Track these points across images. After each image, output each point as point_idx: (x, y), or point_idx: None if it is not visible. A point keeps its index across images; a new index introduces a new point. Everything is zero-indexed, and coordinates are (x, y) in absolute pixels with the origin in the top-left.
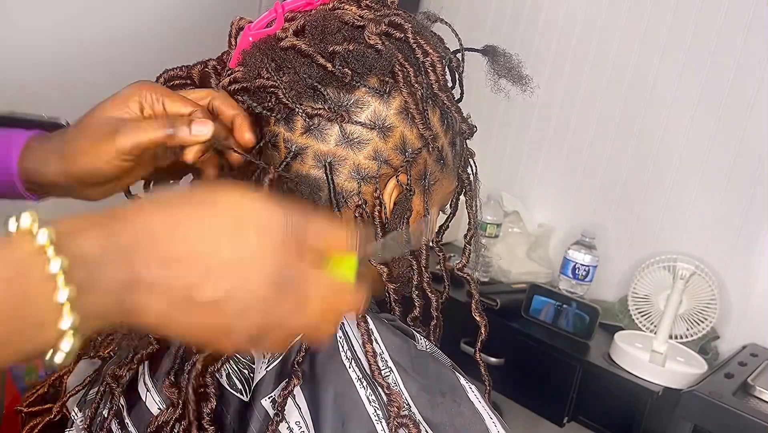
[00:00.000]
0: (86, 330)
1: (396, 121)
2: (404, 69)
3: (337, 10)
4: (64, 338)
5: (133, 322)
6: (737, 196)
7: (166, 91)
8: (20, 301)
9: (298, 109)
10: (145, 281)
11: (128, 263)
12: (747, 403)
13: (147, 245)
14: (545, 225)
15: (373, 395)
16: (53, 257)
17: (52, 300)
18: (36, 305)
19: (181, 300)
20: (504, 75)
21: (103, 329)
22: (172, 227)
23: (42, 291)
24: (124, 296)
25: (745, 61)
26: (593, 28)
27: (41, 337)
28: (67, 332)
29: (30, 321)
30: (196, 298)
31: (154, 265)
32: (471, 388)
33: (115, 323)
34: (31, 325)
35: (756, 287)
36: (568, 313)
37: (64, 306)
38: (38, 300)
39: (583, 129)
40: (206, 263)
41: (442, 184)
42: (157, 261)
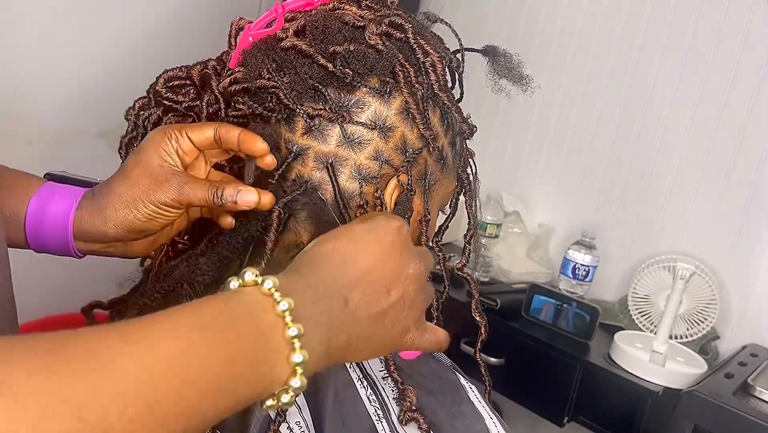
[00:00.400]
0: (311, 368)
1: (397, 121)
2: (405, 69)
3: (337, 11)
4: (294, 376)
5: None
6: (737, 196)
7: (186, 126)
8: (258, 337)
9: (299, 110)
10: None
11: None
12: (747, 403)
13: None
14: (545, 225)
15: (373, 395)
16: (281, 299)
17: (284, 336)
18: (270, 341)
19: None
20: (504, 75)
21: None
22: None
23: (274, 328)
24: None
25: (745, 62)
26: (593, 28)
27: (274, 373)
28: (297, 368)
29: (264, 358)
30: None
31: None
32: (471, 388)
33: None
34: (265, 362)
35: (756, 287)
36: (568, 313)
37: (294, 340)
38: (271, 337)
39: (583, 129)
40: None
41: (442, 184)
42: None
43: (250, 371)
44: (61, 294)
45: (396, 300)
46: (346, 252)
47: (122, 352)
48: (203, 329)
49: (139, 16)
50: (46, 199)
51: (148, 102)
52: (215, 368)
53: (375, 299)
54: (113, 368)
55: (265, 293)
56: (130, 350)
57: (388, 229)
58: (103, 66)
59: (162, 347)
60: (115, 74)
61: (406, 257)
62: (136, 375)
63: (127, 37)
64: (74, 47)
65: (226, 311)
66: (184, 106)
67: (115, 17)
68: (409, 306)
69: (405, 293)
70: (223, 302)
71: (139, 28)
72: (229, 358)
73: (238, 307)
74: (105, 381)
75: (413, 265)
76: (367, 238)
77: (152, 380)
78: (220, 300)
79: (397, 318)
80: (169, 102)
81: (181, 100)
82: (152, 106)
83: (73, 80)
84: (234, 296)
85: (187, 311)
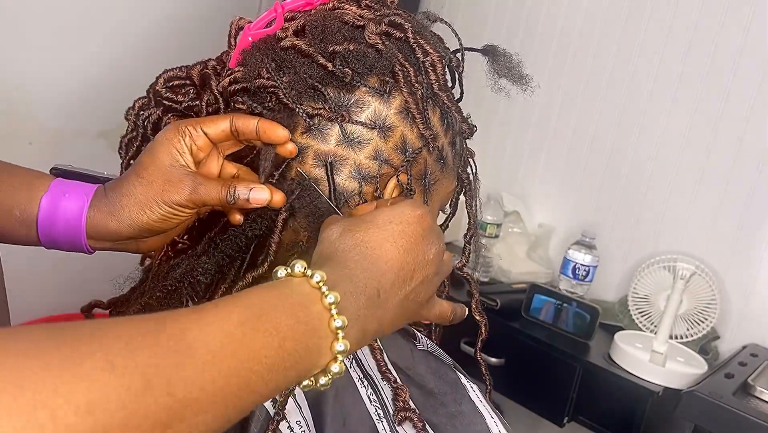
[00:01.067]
0: (347, 354)
1: (396, 120)
2: (404, 69)
3: (337, 10)
4: (335, 362)
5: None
6: (737, 196)
7: (197, 119)
8: (306, 325)
9: (299, 109)
10: (378, 299)
11: (367, 288)
12: (747, 403)
13: (369, 272)
14: (545, 225)
15: (374, 395)
16: (328, 293)
17: (330, 327)
18: (317, 331)
19: (403, 298)
20: (504, 75)
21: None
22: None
23: (321, 319)
24: (376, 316)
25: (745, 62)
26: (593, 28)
27: (317, 359)
28: (339, 355)
29: (311, 345)
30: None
31: (383, 280)
32: (472, 387)
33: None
34: (311, 348)
35: (756, 287)
36: (568, 313)
37: (338, 331)
38: (318, 327)
39: (583, 129)
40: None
41: (442, 183)
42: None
43: (298, 356)
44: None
45: (418, 283)
46: (376, 243)
47: (198, 334)
48: (260, 316)
49: (139, 17)
50: (57, 198)
51: (148, 102)
52: (272, 351)
53: (401, 286)
54: (193, 349)
55: (314, 285)
56: (204, 333)
57: (412, 218)
58: (103, 66)
59: (230, 330)
60: (114, 74)
61: (428, 242)
62: (213, 353)
63: (126, 37)
64: (74, 47)
65: (279, 299)
66: (184, 106)
67: (115, 17)
68: (427, 285)
69: (426, 275)
70: (276, 291)
71: (138, 28)
72: (282, 343)
73: (290, 297)
74: (188, 360)
75: (434, 249)
76: (393, 228)
77: (225, 359)
78: (272, 289)
79: (416, 298)
80: (169, 102)
81: (181, 100)
82: (152, 106)
83: (73, 80)
84: (285, 286)
85: (245, 299)
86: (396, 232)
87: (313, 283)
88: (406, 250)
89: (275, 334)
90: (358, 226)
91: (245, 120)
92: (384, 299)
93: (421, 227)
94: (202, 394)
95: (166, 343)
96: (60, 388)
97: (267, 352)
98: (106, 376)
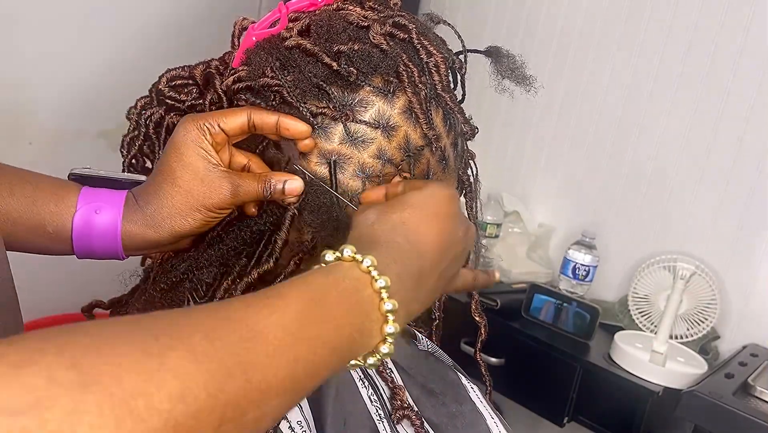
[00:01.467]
0: (396, 336)
1: (400, 120)
2: (409, 69)
3: (341, 11)
4: (384, 343)
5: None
6: (737, 196)
7: (214, 115)
8: (359, 309)
9: (303, 108)
10: (419, 280)
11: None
12: (747, 403)
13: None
14: (545, 225)
15: (374, 395)
16: (379, 277)
17: (380, 310)
18: (369, 314)
19: (438, 276)
20: (507, 76)
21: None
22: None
23: (372, 303)
24: (414, 296)
25: (745, 62)
26: (593, 28)
27: (368, 340)
28: (388, 337)
29: (363, 327)
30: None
31: (423, 260)
32: (472, 388)
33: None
34: (363, 330)
35: (756, 287)
36: (568, 313)
37: (388, 314)
38: (370, 310)
39: (583, 129)
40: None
41: None
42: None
43: (352, 339)
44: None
45: (450, 260)
46: (414, 224)
47: (266, 321)
48: (317, 301)
49: (139, 16)
50: (89, 216)
51: (150, 101)
52: (329, 333)
53: (438, 265)
54: (263, 335)
55: (364, 270)
56: (272, 319)
57: (443, 199)
58: (103, 66)
59: (293, 316)
60: (114, 74)
61: (459, 221)
62: (281, 339)
63: (127, 37)
64: (74, 47)
65: (333, 286)
66: (187, 105)
67: (115, 17)
68: (457, 262)
69: (456, 253)
70: (330, 277)
71: (138, 29)
72: (338, 324)
73: (343, 282)
74: (260, 346)
75: (463, 227)
76: (428, 209)
77: (293, 342)
78: (327, 275)
79: (447, 274)
80: (172, 101)
81: (184, 99)
82: (154, 105)
83: (73, 80)
84: (338, 271)
85: (301, 284)
86: (431, 213)
87: (363, 268)
88: (441, 230)
89: (332, 320)
90: (394, 208)
91: (264, 115)
92: (425, 279)
93: (452, 207)
94: (274, 380)
95: (239, 332)
96: (152, 378)
97: (326, 338)
98: (191, 366)
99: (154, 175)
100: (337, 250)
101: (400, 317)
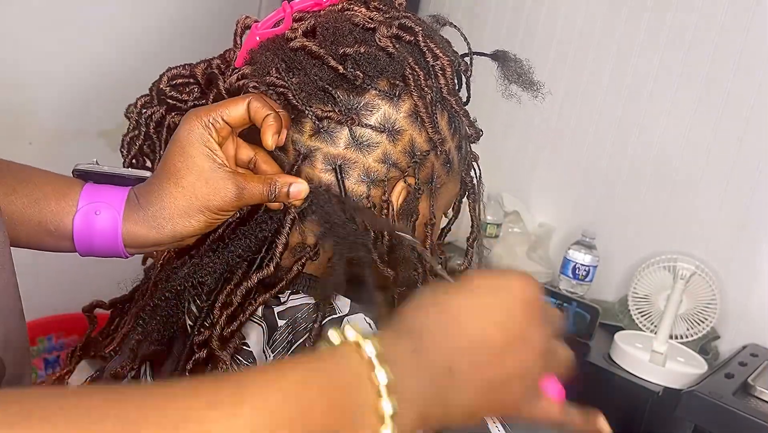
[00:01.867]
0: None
1: (405, 124)
2: (415, 72)
3: (346, 12)
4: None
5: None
6: (737, 196)
7: (217, 108)
8: (352, 408)
9: (308, 111)
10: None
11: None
12: (747, 403)
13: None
14: (545, 225)
15: None
16: (379, 369)
17: (378, 412)
18: (363, 415)
19: (482, 382)
20: (514, 80)
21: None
22: (455, 322)
23: (367, 398)
24: (436, 400)
25: (745, 62)
26: (593, 28)
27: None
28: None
29: (354, 422)
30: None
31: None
32: None
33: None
34: (356, 426)
35: (756, 287)
36: (568, 313)
37: (386, 417)
38: (365, 411)
39: (583, 129)
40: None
41: (447, 187)
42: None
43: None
44: (62, 294)
45: (511, 369)
46: (460, 312)
47: (212, 419)
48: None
49: (139, 16)
50: (89, 217)
51: (151, 100)
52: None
53: (486, 368)
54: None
55: (365, 358)
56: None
57: (516, 290)
58: (104, 66)
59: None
60: (115, 74)
61: (533, 323)
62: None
63: (126, 36)
64: (74, 47)
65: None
66: (189, 105)
67: (115, 17)
68: (524, 375)
69: (522, 361)
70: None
71: (138, 28)
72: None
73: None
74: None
75: (538, 333)
76: (489, 298)
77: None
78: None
79: (509, 387)
80: (173, 100)
81: (185, 98)
82: (155, 104)
83: (73, 80)
84: (331, 359)
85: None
86: (491, 303)
87: (364, 355)
88: (500, 325)
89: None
90: (447, 289)
91: (259, 106)
92: (458, 379)
93: (526, 302)
94: None
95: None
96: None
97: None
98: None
99: (156, 174)
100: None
101: (406, 419)
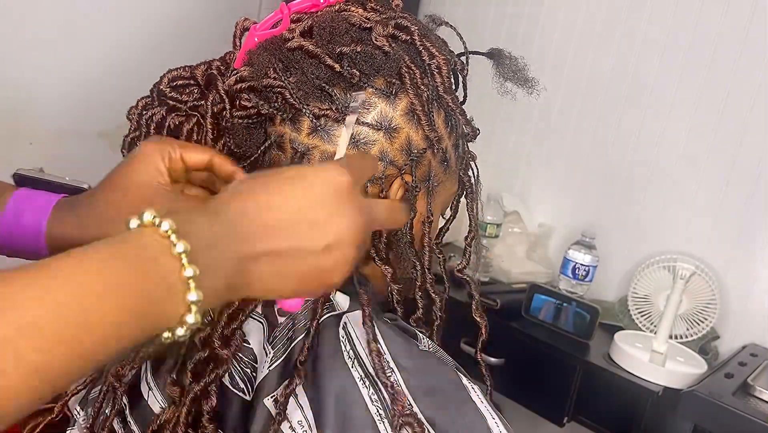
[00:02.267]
0: (205, 306)
1: (402, 122)
2: (411, 71)
3: (343, 12)
4: (189, 313)
5: (245, 294)
6: (737, 196)
7: (181, 144)
8: (154, 277)
9: (305, 110)
10: (254, 252)
11: (236, 241)
12: (747, 403)
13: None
14: (545, 225)
15: (375, 395)
16: (177, 241)
17: (180, 276)
18: (166, 280)
19: (290, 258)
20: (510, 78)
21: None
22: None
23: (171, 269)
24: (237, 269)
25: (745, 62)
26: (593, 28)
27: (170, 311)
28: (193, 305)
29: (161, 296)
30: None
31: (258, 236)
32: (473, 388)
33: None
34: (162, 300)
35: (756, 287)
36: (568, 313)
37: (190, 281)
38: (168, 276)
39: (583, 129)
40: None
41: (444, 186)
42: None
43: (145, 308)
44: None
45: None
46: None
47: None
48: (99, 271)
49: (139, 17)
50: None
51: (151, 101)
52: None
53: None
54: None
55: (163, 235)
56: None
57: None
58: (104, 66)
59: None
60: (115, 74)
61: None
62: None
63: (126, 37)
64: (74, 47)
65: (122, 252)
66: (189, 106)
67: (115, 18)
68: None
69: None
70: (121, 243)
71: (138, 29)
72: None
73: (135, 249)
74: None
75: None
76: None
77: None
78: (117, 241)
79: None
80: (174, 101)
81: (186, 99)
82: (156, 105)
83: (73, 80)
84: (132, 237)
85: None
86: (294, 187)
87: (161, 232)
88: (307, 204)
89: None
90: (258, 174)
91: (223, 162)
92: (260, 250)
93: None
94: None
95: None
96: None
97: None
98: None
99: (99, 183)
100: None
101: (207, 283)
